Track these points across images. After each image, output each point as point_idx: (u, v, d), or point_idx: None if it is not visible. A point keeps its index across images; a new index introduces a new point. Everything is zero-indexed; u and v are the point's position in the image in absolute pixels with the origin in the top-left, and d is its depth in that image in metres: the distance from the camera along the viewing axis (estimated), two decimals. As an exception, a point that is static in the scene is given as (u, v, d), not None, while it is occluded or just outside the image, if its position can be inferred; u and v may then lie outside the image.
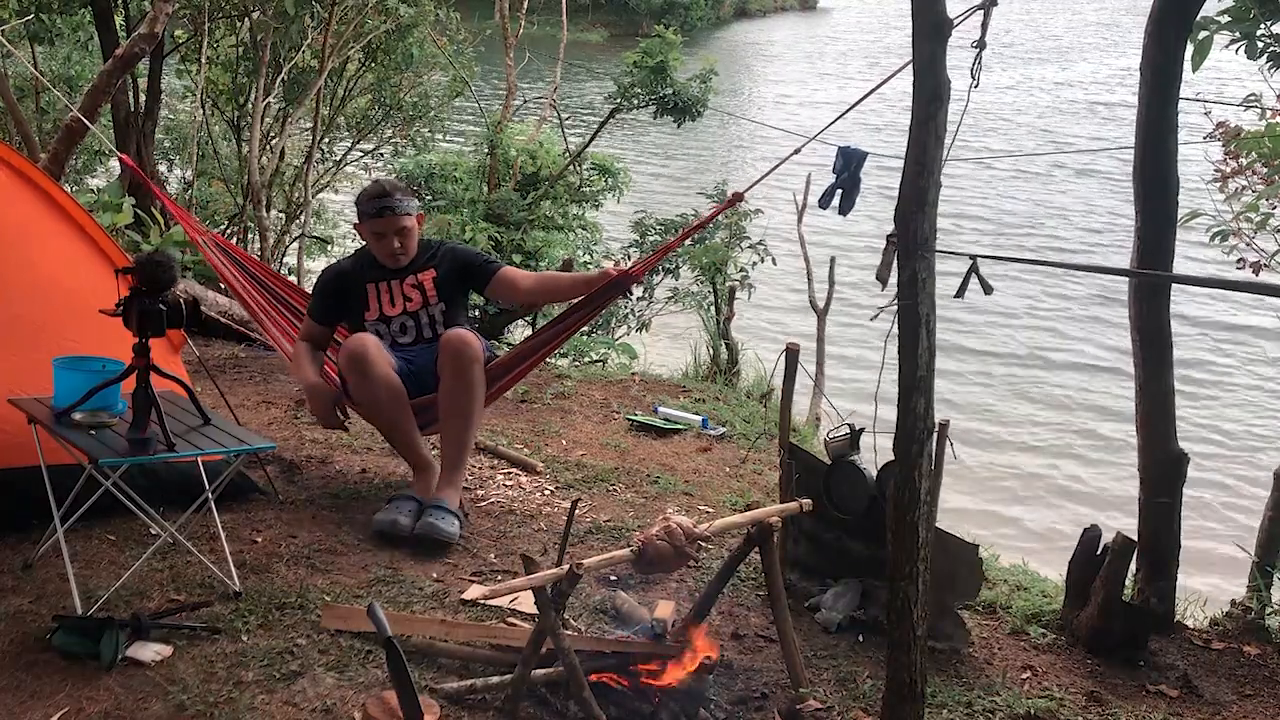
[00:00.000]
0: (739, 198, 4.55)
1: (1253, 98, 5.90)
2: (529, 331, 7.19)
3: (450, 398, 4.15)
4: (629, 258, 9.15)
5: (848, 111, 4.14)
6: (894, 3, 38.57)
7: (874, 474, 3.78)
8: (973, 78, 2.69)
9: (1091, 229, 17.22)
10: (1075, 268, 11.07)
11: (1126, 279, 4.32)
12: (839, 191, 3.90)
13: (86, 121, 5.59)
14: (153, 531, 3.72)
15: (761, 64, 34.44)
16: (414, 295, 4.35)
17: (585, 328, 9.11)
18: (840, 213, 3.93)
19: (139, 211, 7.20)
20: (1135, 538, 3.82)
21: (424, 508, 4.07)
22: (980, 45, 2.75)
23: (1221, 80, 5.92)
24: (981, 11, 2.80)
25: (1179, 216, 3.99)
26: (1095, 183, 19.56)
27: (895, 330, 2.60)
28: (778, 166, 4.41)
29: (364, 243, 4.44)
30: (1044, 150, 20.74)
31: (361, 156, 12.07)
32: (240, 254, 4.93)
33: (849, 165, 3.89)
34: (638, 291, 9.40)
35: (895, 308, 2.59)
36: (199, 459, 3.60)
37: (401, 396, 4.17)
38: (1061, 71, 31.74)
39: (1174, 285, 4.48)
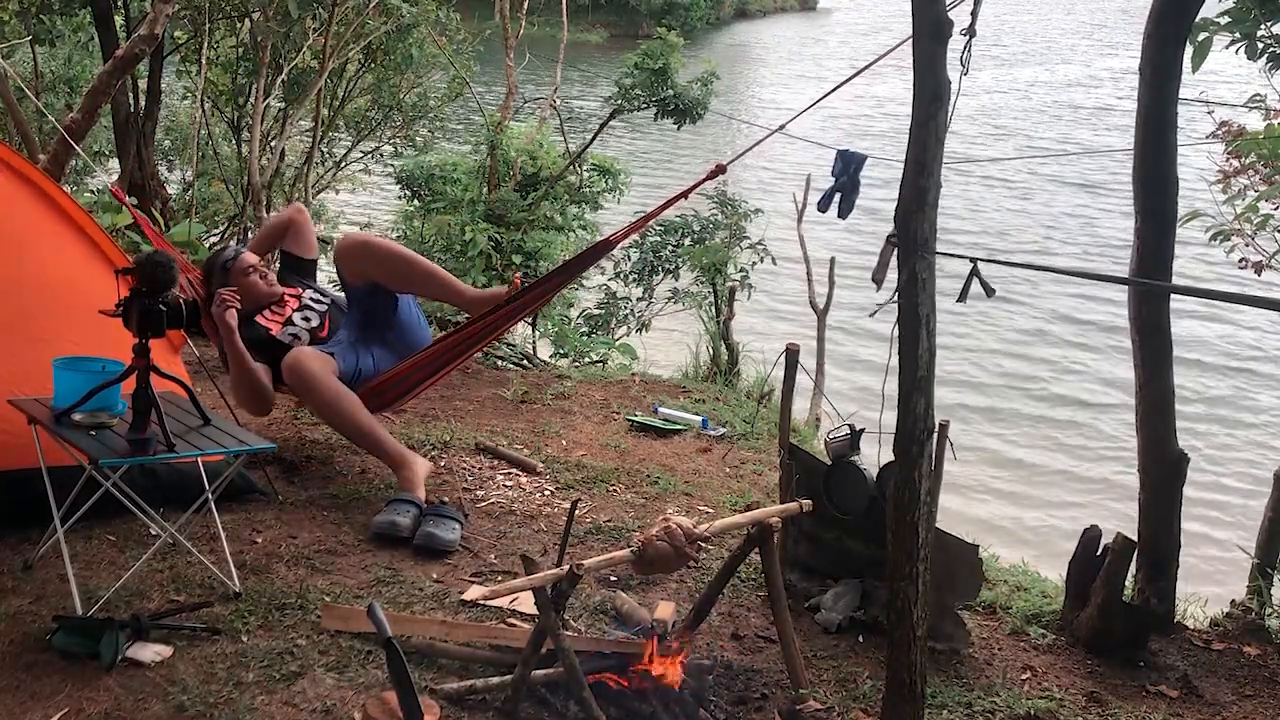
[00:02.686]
0: (721, 169, 4.63)
1: (1257, 98, 5.90)
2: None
3: None
4: (629, 257, 9.15)
5: (815, 104, 4.17)
6: (894, 2, 38.56)
7: (874, 474, 3.78)
8: (962, 67, 2.68)
9: (1073, 238, 16.74)
10: (1073, 274, 11.07)
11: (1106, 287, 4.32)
12: (838, 195, 3.90)
13: (73, 143, 5.63)
14: (153, 532, 3.72)
15: (744, 66, 34.27)
16: (288, 300, 4.60)
17: (585, 327, 9.14)
18: (839, 216, 3.93)
19: (138, 212, 7.20)
20: (1135, 538, 3.82)
21: (424, 514, 4.07)
22: (970, 34, 2.75)
23: (1212, 81, 5.92)
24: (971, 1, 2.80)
25: (1179, 217, 4.00)
26: (1076, 191, 19.12)
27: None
28: (757, 144, 4.67)
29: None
30: (1022, 155, 20.35)
31: (362, 157, 12.07)
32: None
33: (848, 168, 3.89)
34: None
35: (893, 306, 2.60)
36: (199, 459, 3.60)
37: (351, 397, 4.28)
38: (1046, 73, 31.52)
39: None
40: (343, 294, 4.69)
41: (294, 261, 4.82)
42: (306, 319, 4.56)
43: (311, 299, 4.66)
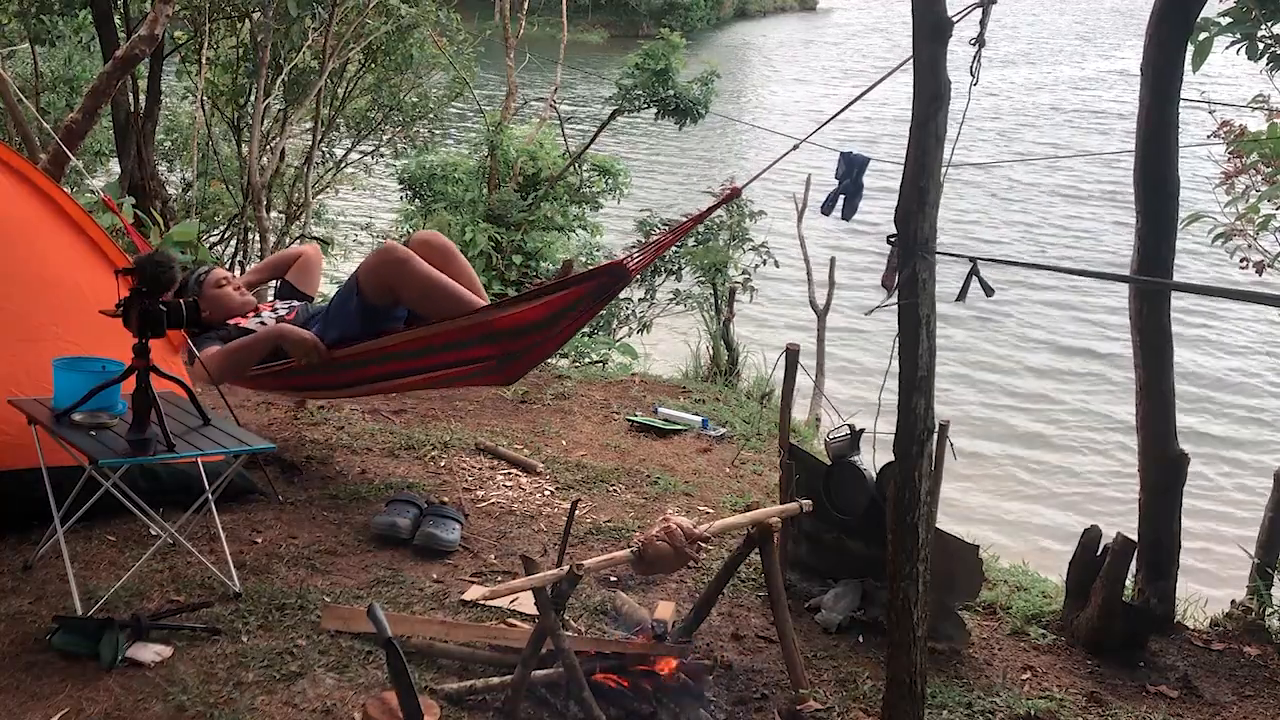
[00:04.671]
0: (736, 192, 4.57)
1: (1260, 98, 5.91)
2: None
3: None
4: (631, 258, 9.14)
5: (838, 114, 4.15)
6: (892, 2, 38.51)
7: (874, 474, 3.78)
8: (972, 76, 2.69)
9: (1061, 253, 16.08)
10: (1075, 272, 11.07)
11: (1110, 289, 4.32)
12: (841, 197, 3.90)
13: (68, 151, 5.62)
14: (153, 532, 3.72)
15: (741, 67, 34.07)
16: (263, 308, 4.57)
17: (585, 328, 9.13)
18: (843, 218, 3.94)
19: (139, 212, 7.20)
20: (1135, 538, 3.82)
21: (424, 514, 4.07)
22: (979, 43, 2.75)
23: (1210, 83, 5.93)
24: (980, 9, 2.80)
25: (1180, 218, 3.99)
26: (1068, 202, 18.53)
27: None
28: (776, 162, 4.45)
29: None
30: (1013, 160, 19.80)
31: (361, 157, 12.08)
32: None
33: (851, 171, 3.89)
34: (638, 293, 9.40)
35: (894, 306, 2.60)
36: (199, 460, 3.60)
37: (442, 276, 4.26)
38: (1039, 75, 31.24)
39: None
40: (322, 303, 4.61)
41: (290, 291, 4.79)
42: (275, 313, 4.56)
43: (280, 306, 4.64)
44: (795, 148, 4.32)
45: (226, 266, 7.85)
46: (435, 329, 4.14)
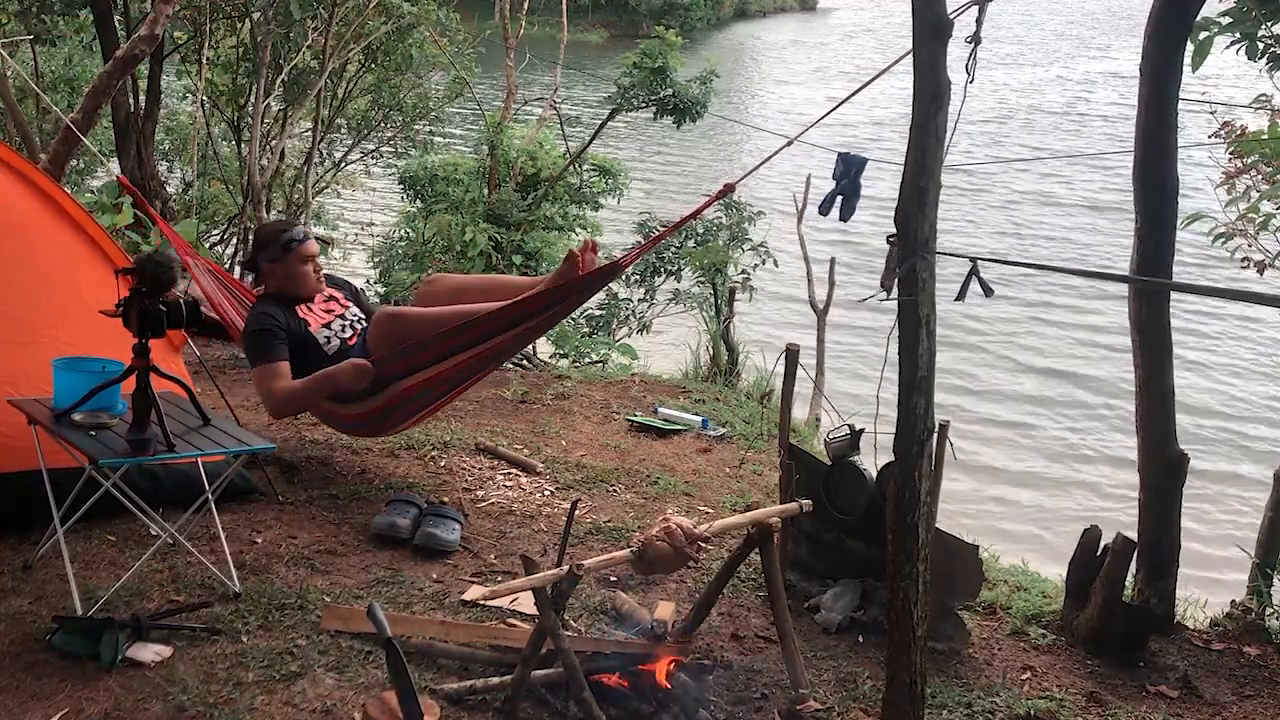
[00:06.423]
0: (730, 189, 4.60)
1: (1263, 98, 5.91)
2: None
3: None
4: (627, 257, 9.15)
5: (827, 114, 4.15)
6: (891, 2, 38.46)
7: (874, 474, 3.78)
8: (968, 74, 2.69)
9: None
10: (1076, 273, 11.07)
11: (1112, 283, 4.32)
12: (839, 198, 3.90)
13: (81, 135, 5.60)
14: (152, 532, 3.72)
15: (739, 67, 33.94)
16: (332, 305, 4.51)
17: (585, 328, 9.13)
18: (841, 219, 3.93)
19: (138, 213, 7.20)
20: (1135, 538, 3.82)
21: (424, 514, 4.07)
22: (975, 40, 2.76)
23: (1208, 84, 5.93)
24: (976, 7, 2.80)
25: (1181, 218, 4.00)
26: (1061, 211, 18.03)
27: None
28: (770, 159, 4.51)
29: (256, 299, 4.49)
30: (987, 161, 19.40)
31: (361, 157, 12.08)
32: (235, 283, 4.88)
33: (849, 172, 3.89)
34: (624, 291, 9.40)
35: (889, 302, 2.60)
36: (199, 460, 3.60)
37: (445, 310, 4.30)
38: (1033, 76, 31.05)
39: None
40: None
41: (360, 298, 4.73)
42: (343, 329, 4.45)
43: (354, 315, 4.54)
44: (788, 144, 4.34)
45: (226, 267, 7.84)
46: (469, 354, 4.20)
